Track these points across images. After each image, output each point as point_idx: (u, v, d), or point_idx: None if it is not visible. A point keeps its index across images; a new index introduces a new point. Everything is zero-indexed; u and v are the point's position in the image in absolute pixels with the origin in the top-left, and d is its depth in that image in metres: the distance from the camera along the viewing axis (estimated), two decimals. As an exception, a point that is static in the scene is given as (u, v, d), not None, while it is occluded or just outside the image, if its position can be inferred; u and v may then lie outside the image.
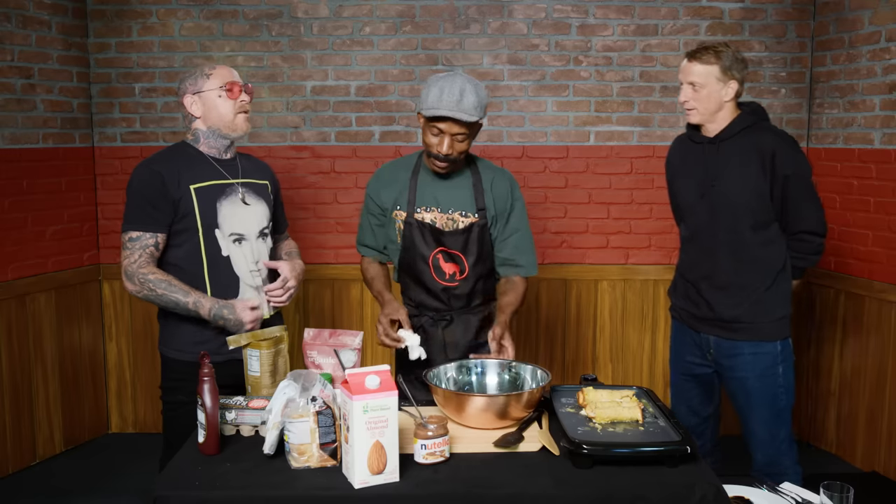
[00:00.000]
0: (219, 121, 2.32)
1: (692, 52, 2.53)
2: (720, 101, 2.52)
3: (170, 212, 2.25)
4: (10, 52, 3.52)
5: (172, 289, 2.21)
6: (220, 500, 1.64)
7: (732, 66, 2.49)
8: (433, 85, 2.24)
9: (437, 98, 2.21)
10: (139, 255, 2.23)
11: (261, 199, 2.43)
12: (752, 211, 2.50)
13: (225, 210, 2.32)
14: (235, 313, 2.23)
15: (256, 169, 2.49)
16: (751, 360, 2.56)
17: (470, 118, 2.22)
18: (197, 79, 2.31)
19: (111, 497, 3.39)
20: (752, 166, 2.48)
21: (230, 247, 2.33)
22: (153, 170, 2.27)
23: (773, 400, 2.57)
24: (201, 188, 2.29)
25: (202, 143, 2.35)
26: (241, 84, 2.34)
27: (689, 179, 2.65)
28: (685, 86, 2.54)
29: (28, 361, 3.66)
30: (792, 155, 2.49)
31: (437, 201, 2.40)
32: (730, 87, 2.51)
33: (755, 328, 2.55)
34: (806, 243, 2.55)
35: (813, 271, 3.80)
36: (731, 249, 2.55)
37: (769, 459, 2.61)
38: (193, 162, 2.32)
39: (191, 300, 2.21)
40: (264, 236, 2.42)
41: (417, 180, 2.42)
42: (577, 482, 1.68)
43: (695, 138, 2.64)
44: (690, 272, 2.67)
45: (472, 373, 2.18)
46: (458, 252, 2.40)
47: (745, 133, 2.52)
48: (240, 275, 2.34)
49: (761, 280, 2.54)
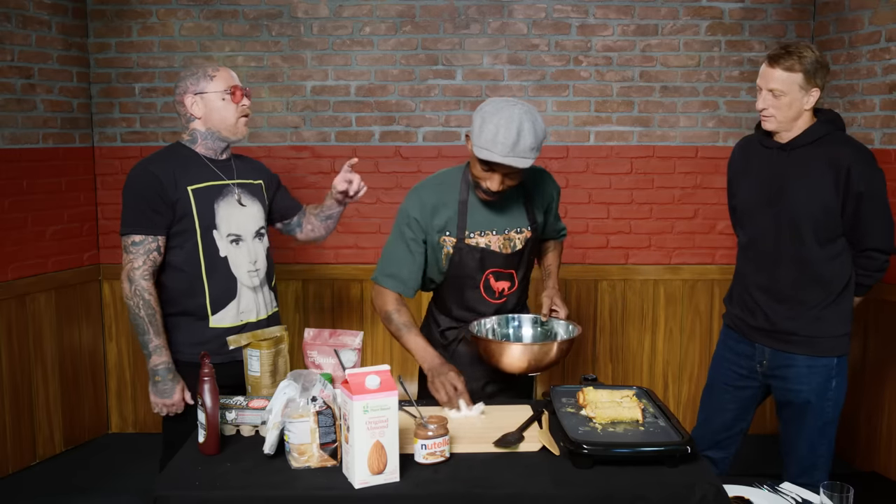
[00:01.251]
0: (220, 123, 2.32)
1: (774, 57, 2.34)
2: (800, 109, 2.36)
3: (169, 214, 2.25)
4: (10, 52, 3.52)
5: (152, 321, 2.22)
6: (220, 500, 1.64)
7: (816, 72, 2.32)
8: (489, 120, 2.04)
9: (492, 139, 2.02)
10: (143, 261, 2.24)
11: (256, 199, 2.43)
12: (819, 225, 2.37)
13: (222, 211, 2.32)
14: (171, 386, 2.24)
15: (250, 169, 2.49)
16: (806, 373, 2.45)
17: (525, 164, 2.05)
18: (199, 79, 2.30)
19: (111, 497, 3.39)
20: (825, 179, 2.34)
21: (228, 247, 2.33)
22: (150, 172, 2.26)
23: (821, 413, 2.46)
24: (199, 189, 2.29)
25: (199, 143, 2.35)
26: (243, 88, 2.34)
27: (752, 185, 2.52)
28: (765, 92, 2.37)
29: (28, 361, 3.66)
30: (868, 171, 2.34)
31: (491, 223, 2.27)
32: (812, 95, 2.35)
33: (813, 343, 2.44)
34: (873, 260, 2.42)
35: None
36: (793, 262, 2.43)
37: (802, 471, 2.50)
38: (190, 163, 2.32)
39: (156, 342, 2.23)
40: (260, 236, 2.43)
41: (468, 205, 2.25)
42: (577, 482, 1.68)
43: (765, 143, 2.49)
44: (748, 280, 2.55)
45: (509, 325, 2.37)
46: (512, 270, 2.32)
47: (820, 143, 2.37)
48: (238, 275, 2.34)
49: (824, 296, 2.42)
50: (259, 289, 2.40)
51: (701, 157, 3.95)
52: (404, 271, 2.27)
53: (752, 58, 3.88)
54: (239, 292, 2.35)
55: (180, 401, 2.26)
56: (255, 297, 2.39)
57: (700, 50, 3.89)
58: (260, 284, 2.41)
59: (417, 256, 2.27)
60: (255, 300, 2.39)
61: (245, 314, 2.37)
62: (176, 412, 2.27)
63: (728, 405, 2.64)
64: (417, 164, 3.94)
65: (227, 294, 2.33)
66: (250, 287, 2.37)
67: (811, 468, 2.49)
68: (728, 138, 3.93)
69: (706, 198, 3.96)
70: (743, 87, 3.91)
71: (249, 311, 2.38)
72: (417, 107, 3.92)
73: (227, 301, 2.33)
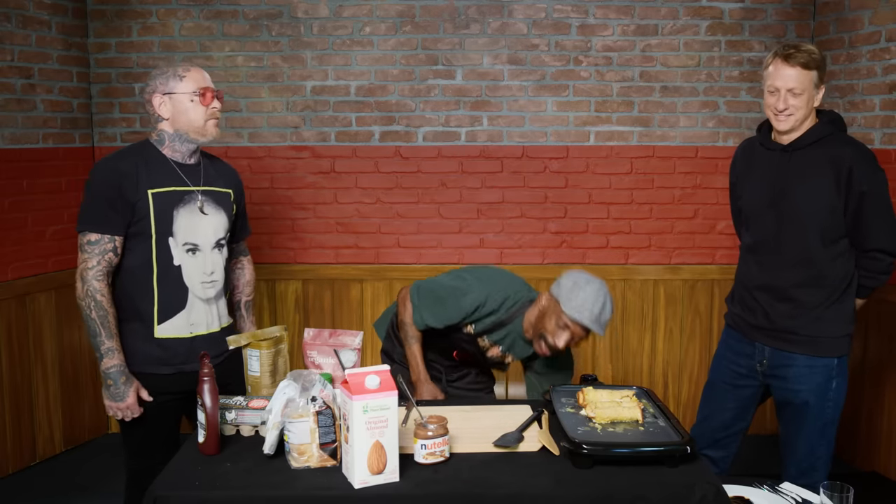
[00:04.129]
0: (188, 125, 2.24)
1: (790, 55, 2.30)
2: (812, 107, 2.36)
3: (128, 214, 2.18)
4: (10, 52, 3.52)
5: (104, 323, 2.15)
6: (220, 500, 1.64)
7: (824, 70, 2.34)
8: (582, 287, 2.28)
9: (582, 305, 2.25)
10: (97, 261, 2.16)
11: (220, 208, 2.34)
12: (823, 225, 2.37)
13: (181, 219, 2.24)
14: (124, 389, 2.17)
15: (221, 175, 2.39)
16: (805, 373, 2.44)
17: (602, 333, 2.30)
18: (168, 79, 2.22)
19: (111, 497, 3.37)
20: (827, 180, 2.34)
21: (183, 256, 2.25)
22: (113, 169, 2.19)
23: (820, 414, 2.45)
24: (159, 193, 2.21)
25: (167, 145, 2.27)
26: (214, 90, 2.26)
27: (756, 187, 2.51)
28: (784, 92, 2.32)
29: (28, 361, 3.66)
30: (870, 171, 2.34)
31: (504, 347, 2.50)
32: (821, 92, 2.35)
33: (813, 343, 2.43)
34: (877, 262, 2.41)
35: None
36: (796, 263, 2.42)
37: (801, 473, 2.49)
38: (154, 165, 2.24)
39: (108, 345, 2.16)
40: (220, 247, 2.33)
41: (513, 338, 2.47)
42: (577, 482, 1.68)
43: (766, 144, 2.49)
44: (750, 281, 2.55)
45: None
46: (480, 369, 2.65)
47: (821, 144, 2.37)
48: (189, 286, 2.26)
49: (825, 296, 2.41)
50: (213, 301, 2.32)
51: (701, 157, 3.95)
52: (438, 320, 2.44)
53: (752, 58, 3.88)
54: (190, 303, 2.27)
55: (134, 404, 2.19)
56: (208, 309, 2.31)
57: (700, 50, 3.89)
58: (215, 297, 2.33)
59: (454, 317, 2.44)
60: (207, 312, 2.31)
61: (195, 326, 2.28)
62: (132, 415, 2.20)
63: (728, 404, 2.64)
64: (417, 164, 3.94)
65: (175, 303, 2.25)
66: (203, 299, 2.29)
67: (810, 469, 2.48)
68: (728, 138, 3.93)
69: (706, 198, 3.96)
70: (743, 87, 3.91)
71: (200, 323, 2.29)
72: (417, 107, 3.92)
73: (175, 311, 2.25)
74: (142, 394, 2.21)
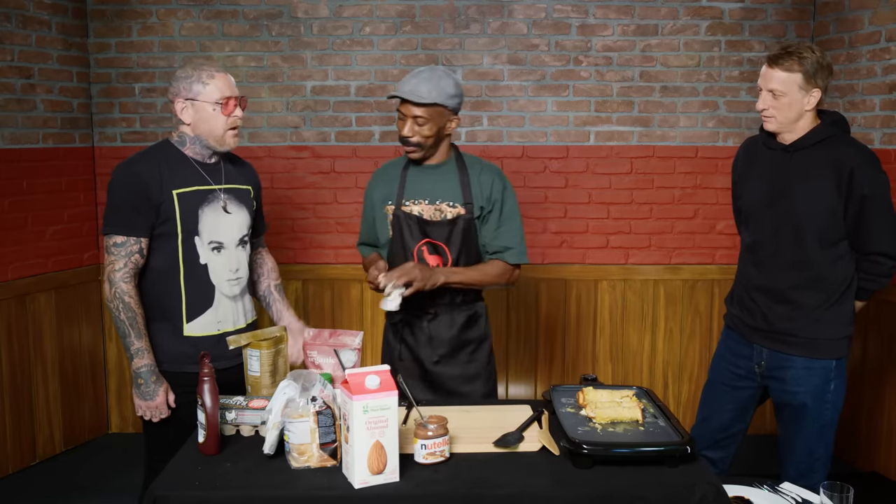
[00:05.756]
0: (208, 133, 2.26)
1: (774, 57, 2.34)
2: (801, 110, 2.35)
3: (152, 216, 2.21)
4: (10, 52, 3.52)
5: (133, 324, 2.19)
6: (220, 500, 1.64)
7: (817, 73, 2.31)
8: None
9: (401, 83, 2.35)
10: (124, 263, 2.19)
11: (242, 205, 2.38)
12: (822, 227, 2.36)
13: (206, 217, 2.27)
14: (154, 388, 2.20)
15: (240, 173, 2.43)
16: (803, 374, 2.43)
17: (421, 100, 2.29)
18: (193, 83, 2.23)
19: (111, 497, 3.38)
20: (827, 182, 2.34)
21: (209, 255, 2.28)
22: (136, 172, 2.22)
23: (818, 416, 2.44)
24: (184, 193, 2.25)
25: (188, 146, 2.30)
26: (237, 98, 2.27)
27: (756, 186, 2.51)
28: (764, 92, 2.37)
29: (28, 361, 3.66)
30: (871, 173, 2.33)
31: (425, 193, 2.44)
32: (812, 95, 2.33)
33: (811, 345, 2.42)
34: (878, 265, 2.40)
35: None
36: (795, 264, 2.42)
37: (800, 474, 2.48)
38: (177, 165, 2.27)
39: (137, 345, 2.19)
40: (244, 244, 2.38)
41: (407, 175, 2.48)
42: (577, 482, 1.69)
43: (768, 144, 2.49)
44: (749, 282, 2.54)
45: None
46: (442, 243, 2.42)
47: (823, 145, 2.36)
48: (216, 283, 2.30)
49: (824, 298, 2.41)
50: (239, 297, 2.36)
51: (701, 157, 3.95)
52: (365, 237, 2.64)
53: (752, 58, 3.88)
54: (217, 301, 2.30)
55: (163, 403, 2.21)
56: (234, 306, 2.35)
57: (700, 50, 3.90)
58: (240, 293, 2.37)
59: (372, 226, 2.58)
60: (233, 309, 2.35)
61: (223, 323, 2.32)
62: (160, 416, 2.23)
63: (727, 405, 2.63)
64: (417, 164, 3.94)
65: (204, 302, 2.28)
66: (229, 296, 2.33)
67: (809, 471, 2.48)
68: (728, 138, 3.93)
69: (706, 198, 3.96)
70: (743, 87, 3.91)
71: (227, 320, 2.33)
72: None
73: (203, 309, 2.29)
74: (169, 397, 2.24)
